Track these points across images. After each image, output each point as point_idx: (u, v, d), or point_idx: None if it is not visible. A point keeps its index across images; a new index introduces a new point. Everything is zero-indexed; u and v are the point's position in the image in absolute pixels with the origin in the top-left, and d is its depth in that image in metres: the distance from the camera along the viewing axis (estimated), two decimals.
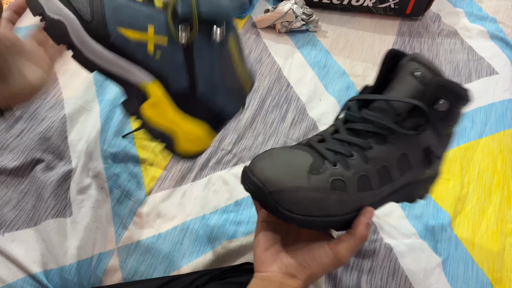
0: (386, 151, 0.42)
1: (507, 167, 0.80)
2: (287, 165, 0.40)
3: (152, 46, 0.41)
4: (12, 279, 0.57)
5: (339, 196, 0.40)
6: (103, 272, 0.59)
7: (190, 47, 0.42)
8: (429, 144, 0.45)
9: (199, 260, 0.62)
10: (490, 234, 0.71)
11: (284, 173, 0.39)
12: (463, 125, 0.86)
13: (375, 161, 0.42)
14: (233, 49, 0.44)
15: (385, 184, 0.43)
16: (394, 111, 0.42)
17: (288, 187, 0.38)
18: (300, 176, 0.39)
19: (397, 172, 0.44)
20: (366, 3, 1.02)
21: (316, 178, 0.40)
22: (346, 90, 0.89)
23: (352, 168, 0.41)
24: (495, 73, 0.96)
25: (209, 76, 0.44)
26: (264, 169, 0.39)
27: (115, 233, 0.63)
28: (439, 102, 0.42)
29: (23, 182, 0.66)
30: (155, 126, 0.44)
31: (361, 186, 0.42)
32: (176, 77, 0.43)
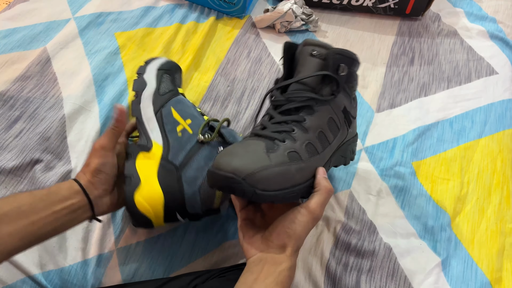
0: (317, 118, 0.50)
1: (506, 167, 0.80)
2: (247, 153, 0.45)
3: (183, 126, 0.58)
4: (11, 280, 0.57)
5: (298, 165, 0.46)
6: (103, 273, 0.59)
7: (200, 145, 0.57)
8: (345, 105, 0.54)
9: (199, 261, 0.62)
10: (489, 234, 0.71)
11: (247, 160, 0.44)
12: (463, 125, 0.86)
13: (312, 129, 0.50)
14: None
15: (325, 147, 0.51)
16: (309, 86, 0.51)
17: (256, 169, 0.43)
18: (261, 158, 0.44)
19: (330, 135, 0.52)
20: (366, 3, 1.02)
21: (274, 155, 0.45)
22: None
23: (298, 139, 0.48)
24: (494, 73, 0.96)
25: (192, 179, 0.54)
26: (228, 163, 0.43)
27: (114, 234, 0.63)
28: (340, 67, 0.51)
29: (22, 182, 0.66)
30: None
31: (310, 152, 0.49)
32: (173, 152, 0.55)
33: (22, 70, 0.79)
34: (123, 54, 0.87)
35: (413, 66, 0.97)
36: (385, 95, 0.90)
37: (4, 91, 0.75)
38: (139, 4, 0.97)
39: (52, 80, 0.79)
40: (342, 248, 0.66)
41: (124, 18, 0.93)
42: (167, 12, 0.97)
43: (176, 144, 0.56)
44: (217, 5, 0.98)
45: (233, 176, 0.42)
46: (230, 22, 0.99)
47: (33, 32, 0.86)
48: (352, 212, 0.70)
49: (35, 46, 0.84)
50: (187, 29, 0.94)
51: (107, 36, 0.89)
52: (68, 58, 0.83)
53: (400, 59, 0.98)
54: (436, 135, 0.83)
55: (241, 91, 0.85)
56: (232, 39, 0.95)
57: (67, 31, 0.87)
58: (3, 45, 0.82)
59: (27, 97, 0.75)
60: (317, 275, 0.63)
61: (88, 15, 0.91)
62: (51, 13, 0.91)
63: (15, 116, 0.73)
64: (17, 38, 0.84)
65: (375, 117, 0.86)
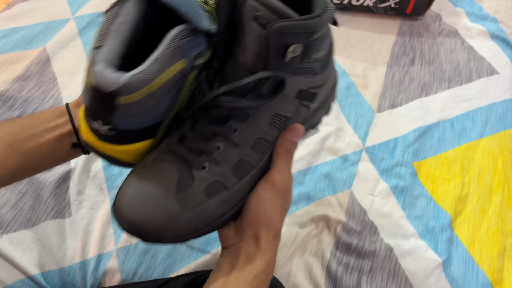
0: (253, 124, 0.37)
1: (507, 167, 0.80)
2: (152, 197, 0.35)
3: None
4: (11, 281, 0.57)
5: (220, 197, 0.37)
6: (102, 273, 0.59)
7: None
8: (300, 88, 0.38)
9: (198, 261, 0.62)
10: (490, 235, 0.71)
11: (151, 210, 0.35)
12: (464, 125, 0.85)
13: (246, 140, 0.37)
14: None
15: (267, 152, 0.39)
16: (244, 87, 0.35)
17: (161, 225, 0.35)
18: (169, 204, 0.35)
19: (275, 132, 0.38)
20: (367, 3, 1.02)
21: (187, 195, 0.36)
22: (346, 90, 0.89)
23: (223, 161, 0.37)
24: (495, 73, 0.96)
25: None
26: (129, 212, 0.35)
27: (114, 234, 0.63)
28: (289, 50, 0.34)
29: (22, 183, 0.66)
30: None
31: (241, 172, 0.37)
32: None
33: (21, 70, 0.79)
34: None
35: (414, 66, 0.96)
36: (386, 95, 0.90)
37: (4, 91, 0.75)
38: None
39: (51, 80, 0.79)
40: (343, 249, 0.66)
41: None
42: None
43: None
44: None
45: (135, 231, 0.35)
46: None
47: (33, 32, 0.86)
48: (352, 213, 0.70)
49: (34, 46, 0.84)
50: None
51: None
52: (67, 58, 0.83)
53: (401, 59, 0.97)
54: (437, 135, 0.83)
55: None
56: None
57: (67, 31, 0.87)
58: (3, 44, 0.82)
59: (27, 97, 0.75)
60: (317, 275, 0.63)
61: (88, 15, 0.91)
62: (50, 13, 0.91)
63: (15, 116, 0.73)
64: (17, 37, 0.84)
65: (376, 117, 0.85)
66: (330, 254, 0.65)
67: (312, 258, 0.64)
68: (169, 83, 0.34)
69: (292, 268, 0.62)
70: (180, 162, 0.37)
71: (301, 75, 0.37)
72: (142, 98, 0.33)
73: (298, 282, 0.61)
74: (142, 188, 0.36)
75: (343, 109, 0.85)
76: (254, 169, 0.38)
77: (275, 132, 0.38)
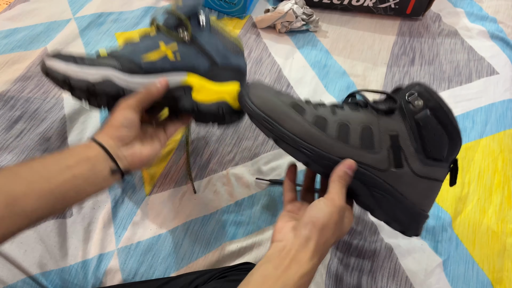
0: (363, 115, 0.52)
1: (507, 167, 0.80)
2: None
3: (171, 54, 0.56)
4: (12, 281, 0.57)
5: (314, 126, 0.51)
6: (103, 273, 0.59)
7: (193, 39, 0.56)
8: (397, 132, 0.51)
9: (199, 261, 0.62)
10: (490, 234, 0.71)
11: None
12: (464, 125, 0.86)
13: (356, 121, 0.52)
14: (217, 25, 0.59)
15: (354, 145, 0.51)
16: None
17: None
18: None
19: (359, 141, 0.51)
20: (367, 3, 1.02)
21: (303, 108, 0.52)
22: (346, 90, 0.89)
23: (338, 115, 0.52)
24: (495, 73, 0.96)
25: (217, 49, 0.57)
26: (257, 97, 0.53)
27: (115, 234, 0.63)
28: (414, 98, 0.51)
29: None
30: (210, 102, 0.57)
31: (340, 134, 0.51)
32: (199, 63, 0.57)
33: (22, 71, 0.79)
34: None
35: (414, 66, 0.97)
36: None
37: (5, 92, 0.75)
38: (139, 4, 0.97)
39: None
40: (343, 249, 0.66)
41: (125, 19, 0.93)
42: None
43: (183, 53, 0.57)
44: (217, 6, 0.99)
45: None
46: (231, 23, 0.99)
47: (34, 33, 0.86)
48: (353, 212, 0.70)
49: (35, 47, 0.84)
50: None
51: (108, 37, 0.89)
52: None
53: (401, 59, 0.98)
54: None
55: None
56: None
57: (68, 31, 0.87)
58: (4, 45, 0.82)
59: (28, 98, 0.75)
60: (318, 275, 0.63)
61: (89, 15, 0.91)
62: (51, 13, 0.91)
63: (16, 117, 0.73)
64: (18, 38, 0.84)
65: None
66: (330, 254, 0.65)
67: None
68: None
69: None
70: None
71: (408, 126, 0.52)
72: None
73: None
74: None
75: None
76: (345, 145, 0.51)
77: (362, 140, 0.51)
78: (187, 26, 0.56)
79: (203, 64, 0.57)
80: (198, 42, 0.57)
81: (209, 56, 0.57)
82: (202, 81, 0.57)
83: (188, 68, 0.57)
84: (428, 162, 0.52)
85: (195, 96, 0.57)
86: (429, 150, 0.51)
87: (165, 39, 0.56)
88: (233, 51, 0.59)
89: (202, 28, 0.57)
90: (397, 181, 0.51)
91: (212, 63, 0.57)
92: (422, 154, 0.51)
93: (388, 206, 0.52)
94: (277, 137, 0.51)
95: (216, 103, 0.58)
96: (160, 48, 0.56)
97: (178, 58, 0.56)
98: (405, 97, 0.51)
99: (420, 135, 0.51)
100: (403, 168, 0.51)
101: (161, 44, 0.56)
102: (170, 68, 0.56)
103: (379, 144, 0.51)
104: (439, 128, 0.51)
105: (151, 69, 0.56)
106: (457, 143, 0.53)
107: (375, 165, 0.51)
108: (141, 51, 0.56)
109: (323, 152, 0.50)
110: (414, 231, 0.54)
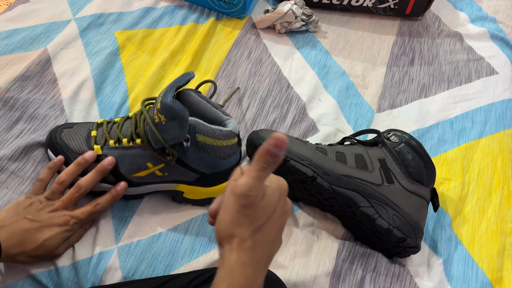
0: (354, 148, 0.68)
1: (507, 167, 0.80)
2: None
3: (159, 172, 0.61)
4: (12, 280, 0.57)
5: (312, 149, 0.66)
6: (103, 271, 0.59)
7: (179, 159, 0.59)
8: (384, 157, 0.66)
9: (199, 259, 0.62)
10: (490, 234, 0.71)
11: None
12: (463, 125, 0.86)
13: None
14: (203, 138, 0.58)
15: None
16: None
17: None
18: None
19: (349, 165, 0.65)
20: (366, 4, 1.02)
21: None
22: (346, 90, 0.89)
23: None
24: (495, 73, 0.96)
25: (204, 163, 0.61)
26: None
27: (114, 232, 0.63)
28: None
29: (23, 183, 0.66)
30: (201, 199, 0.66)
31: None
32: (187, 175, 0.62)
33: (21, 70, 0.79)
34: (123, 55, 0.87)
35: (413, 66, 0.97)
36: (386, 96, 0.90)
37: (5, 92, 0.75)
38: (139, 5, 0.97)
39: (52, 80, 0.79)
40: (348, 247, 0.66)
41: (125, 19, 0.93)
42: (167, 13, 0.97)
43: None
44: (217, 6, 0.99)
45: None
46: (230, 23, 0.99)
47: (34, 33, 0.86)
48: None
49: (36, 47, 0.84)
50: (187, 30, 0.94)
51: (108, 37, 0.89)
52: (68, 59, 0.83)
53: (401, 60, 0.98)
54: (436, 136, 0.84)
55: (242, 92, 0.85)
56: (233, 40, 0.95)
57: (68, 32, 0.87)
58: (4, 46, 0.82)
59: (27, 98, 0.75)
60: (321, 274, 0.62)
61: (89, 16, 0.91)
62: (51, 14, 0.91)
63: (16, 117, 0.73)
64: (18, 39, 0.84)
65: (376, 117, 0.86)
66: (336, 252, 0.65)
67: (315, 256, 0.64)
68: None
69: (295, 267, 0.62)
70: None
71: (387, 150, 0.68)
72: None
73: (302, 279, 0.61)
74: None
75: (342, 109, 0.86)
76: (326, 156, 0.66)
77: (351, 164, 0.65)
78: (172, 153, 0.57)
79: (192, 177, 0.62)
80: (184, 162, 0.60)
81: (196, 171, 0.61)
82: (190, 188, 0.64)
83: (177, 181, 0.63)
84: (414, 182, 0.64)
85: (187, 196, 0.65)
86: (411, 171, 0.64)
87: (153, 161, 0.60)
88: (222, 156, 0.61)
89: (186, 149, 0.58)
90: (391, 194, 0.63)
91: (201, 175, 0.62)
92: (407, 175, 0.64)
93: (386, 214, 0.61)
94: (287, 157, 0.63)
95: (206, 199, 0.66)
96: (148, 169, 0.61)
97: (166, 174, 0.61)
98: (384, 135, 0.68)
99: (402, 160, 0.65)
100: (394, 184, 0.63)
101: (149, 165, 0.60)
102: (159, 181, 0.62)
103: (371, 166, 0.64)
104: (415, 155, 0.65)
105: (140, 181, 0.62)
106: (433, 171, 0.67)
107: (371, 181, 0.63)
108: (132, 171, 0.61)
109: (327, 168, 0.63)
110: (414, 239, 0.61)
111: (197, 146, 0.58)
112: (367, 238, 0.65)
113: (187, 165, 0.60)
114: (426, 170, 0.65)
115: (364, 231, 0.64)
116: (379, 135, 0.68)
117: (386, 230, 0.60)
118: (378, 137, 0.68)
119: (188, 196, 0.65)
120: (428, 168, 0.66)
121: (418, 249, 0.62)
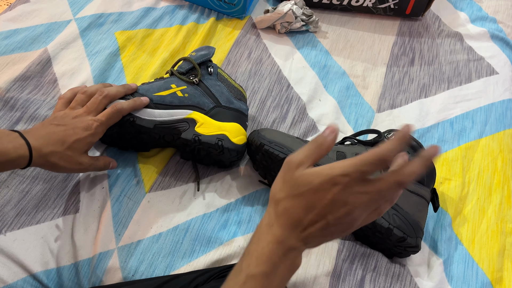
0: (354, 148, 0.68)
1: (507, 167, 0.80)
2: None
3: (180, 92, 0.68)
4: (12, 280, 0.57)
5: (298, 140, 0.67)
6: (103, 271, 0.59)
7: (201, 83, 0.70)
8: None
9: (199, 259, 0.62)
10: (490, 234, 0.71)
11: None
12: (464, 125, 0.86)
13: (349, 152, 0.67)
14: (224, 74, 0.73)
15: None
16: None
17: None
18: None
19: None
20: (366, 4, 1.02)
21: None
22: (346, 90, 0.89)
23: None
24: (495, 73, 0.96)
25: (221, 93, 0.70)
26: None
27: (115, 233, 0.63)
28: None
29: (24, 182, 0.66)
30: (211, 135, 0.66)
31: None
32: (204, 102, 0.69)
33: (22, 70, 0.79)
34: (123, 55, 0.87)
35: (414, 66, 0.97)
36: (386, 96, 0.90)
37: (5, 92, 0.75)
38: (139, 5, 0.97)
39: (52, 80, 0.79)
40: (348, 247, 0.66)
41: (125, 19, 0.93)
42: (167, 13, 0.97)
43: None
44: (217, 6, 0.99)
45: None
46: (231, 23, 0.99)
47: (34, 33, 0.86)
48: None
49: (36, 47, 0.84)
50: (187, 30, 0.94)
51: (108, 37, 0.89)
52: (68, 59, 0.83)
53: (401, 60, 0.98)
54: (436, 136, 0.84)
55: None
56: (233, 40, 0.95)
57: (68, 32, 0.87)
58: (4, 46, 0.82)
59: (28, 98, 0.75)
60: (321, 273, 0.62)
61: (89, 16, 0.91)
62: (52, 14, 0.91)
63: (16, 117, 0.73)
64: (18, 39, 0.84)
65: (376, 118, 0.86)
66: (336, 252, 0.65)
67: (315, 256, 0.64)
68: None
69: None
70: None
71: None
72: None
73: (302, 279, 0.61)
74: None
75: (343, 109, 0.86)
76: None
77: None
78: (197, 70, 0.69)
79: (208, 103, 0.68)
80: (205, 85, 0.70)
81: (213, 97, 0.69)
82: (205, 118, 0.67)
83: (193, 106, 0.67)
84: (414, 181, 0.64)
85: (198, 129, 0.66)
86: None
87: (177, 82, 0.69)
88: (236, 97, 0.71)
89: (210, 74, 0.71)
90: None
91: (216, 104, 0.69)
92: None
93: (386, 213, 0.61)
94: (287, 156, 0.58)
95: (215, 135, 0.66)
96: (171, 89, 0.68)
97: (186, 95, 0.67)
98: (384, 135, 0.69)
99: None
100: None
101: (173, 86, 0.68)
102: (177, 103, 0.67)
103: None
104: (415, 155, 0.60)
105: (160, 101, 0.66)
106: (433, 171, 0.67)
107: None
108: (154, 90, 0.67)
109: None
110: (414, 239, 0.61)
111: (218, 77, 0.71)
112: (367, 237, 0.65)
113: (207, 88, 0.69)
114: (426, 170, 0.65)
115: (364, 230, 0.64)
116: (380, 135, 0.69)
117: (386, 229, 0.60)
118: (379, 137, 0.69)
119: (199, 129, 0.66)
120: (428, 168, 0.65)
121: (418, 248, 0.62)
